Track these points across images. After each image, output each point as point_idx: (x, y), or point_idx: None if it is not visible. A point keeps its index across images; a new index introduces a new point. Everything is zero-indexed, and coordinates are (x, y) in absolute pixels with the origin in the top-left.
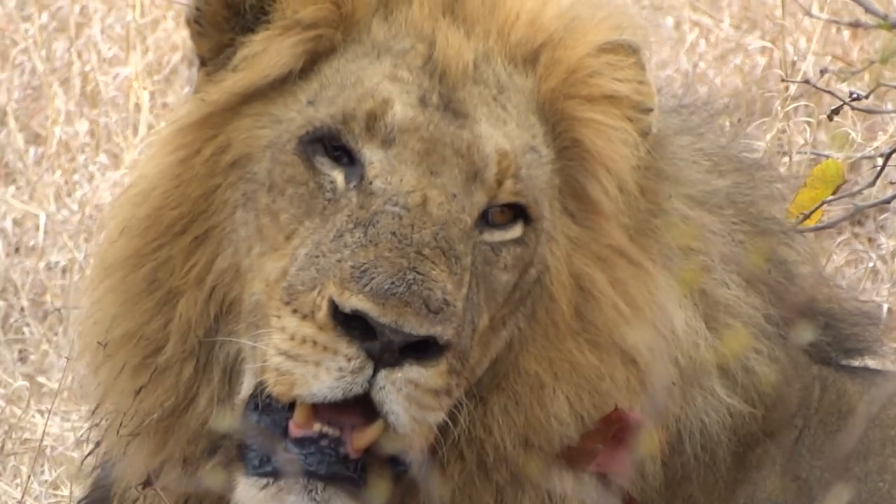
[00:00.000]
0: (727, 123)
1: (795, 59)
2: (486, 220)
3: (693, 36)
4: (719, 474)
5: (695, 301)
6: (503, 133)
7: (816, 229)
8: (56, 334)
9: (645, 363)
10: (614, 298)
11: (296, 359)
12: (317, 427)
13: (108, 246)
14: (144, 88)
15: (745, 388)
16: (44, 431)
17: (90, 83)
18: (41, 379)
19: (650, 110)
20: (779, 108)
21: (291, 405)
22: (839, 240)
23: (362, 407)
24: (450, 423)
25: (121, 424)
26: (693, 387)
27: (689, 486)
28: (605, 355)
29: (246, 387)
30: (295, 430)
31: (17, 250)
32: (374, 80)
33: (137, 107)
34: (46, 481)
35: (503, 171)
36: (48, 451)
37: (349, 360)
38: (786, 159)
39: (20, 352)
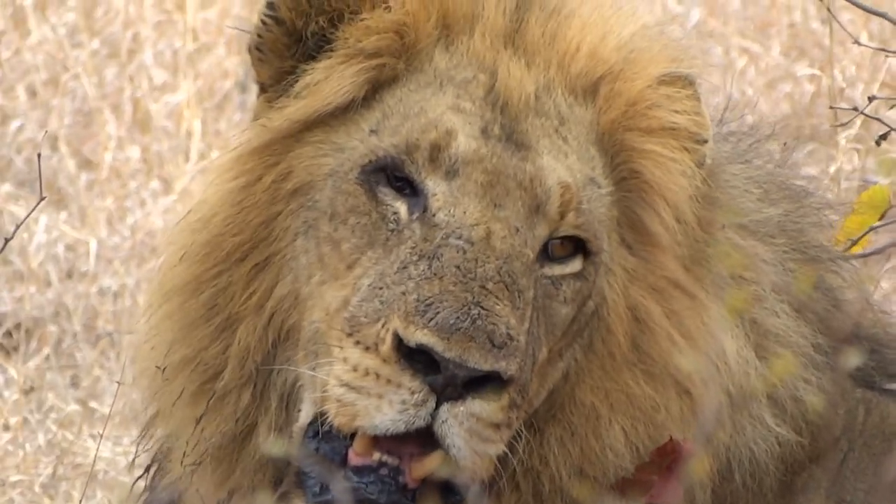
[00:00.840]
0: (775, 148)
1: (844, 86)
2: (546, 253)
3: (742, 63)
4: (766, 501)
5: (746, 331)
6: (565, 165)
7: (864, 255)
8: (108, 359)
9: (698, 394)
10: (669, 329)
11: (358, 391)
12: (376, 456)
13: (166, 271)
14: (195, 116)
15: (793, 416)
16: (95, 456)
17: (141, 109)
18: (93, 404)
19: (706, 141)
20: (827, 135)
21: (352, 434)
22: (887, 266)
23: (421, 436)
24: (508, 453)
25: (183, 454)
26: (743, 416)
27: None
28: (661, 386)
29: (304, 415)
30: (354, 458)
31: (69, 276)
32: (438, 110)
33: (189, 133)
34: None
35: (565, 204)
36: (100, 475)
37: (412, 393)
38: (834, 186)
39: (73, 377)
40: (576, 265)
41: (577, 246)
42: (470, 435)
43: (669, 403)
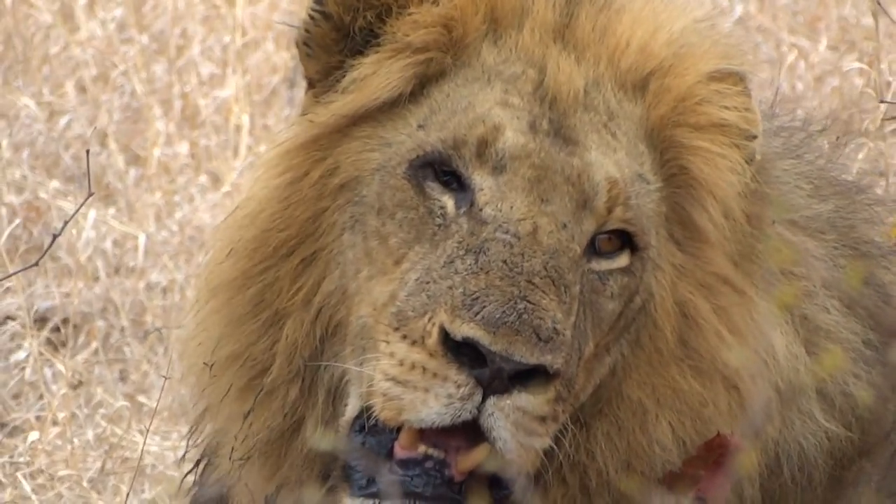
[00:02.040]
0: (825, 144)
1: (891, 79)
2: (593, 248)
3: (791, 58)
4: (815, 495)
5: (796, 326)
6: (613, 161)
7: None
8: (156, 354)
9: (746, 388)
10: (717, 325)
11: (405, 384)
12: (422, 449)
13: (214, 267)
14: (244, 111)
15: (842, 411)
16: (143, 450)
17: (190, 104)
18: (141, 398)
19: (755, 137)
20: (876, 129)
21: (398, 428)
22: None
23: (467, 429)
24: (554, 447)
25: (232, 449)
26: (792, 411)
27: None
28: (708, 381)
29: (351, 409)
30: (400, 451)
31: (117, 271)
32: (485, 105)
33: (237, 128)
34: (146, 500)
35: (613, 199)
36: (148, 469)
37: (459, 386)
38: (883, 181)
39: (121, 372)
40: (623, 260)
41: (625, 241)
42: (516, 428)
43: (717, 398)
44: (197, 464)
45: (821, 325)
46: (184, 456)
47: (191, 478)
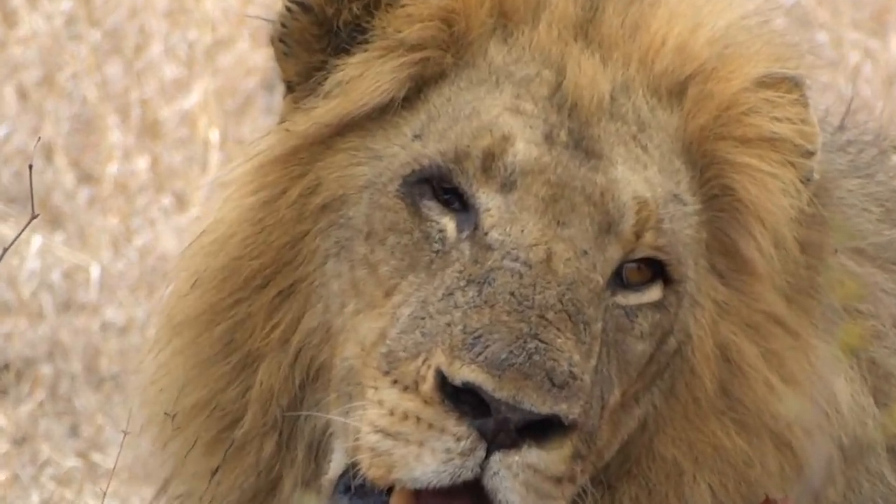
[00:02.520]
0: (895, 159)
1: None
2: (619, 279)
3: (856, 59)
4: None
5: (863, 373)
6: (643, 178)
7: None
8: (112, 405)
9: (801, 446)
10: (766, 373)
11: (395, 437)
12: None
13: (177, 301)
14: (213, 121)
15: None
16: None
17: (150, 114)
18: (96, 456)
19: (813, 154)
20: None
21: (389, 488)
22: None
23: (469, 491)
24: None
25: None
26: (859, 472)
27: None
28: (755, 438)
29: (335, 466)
30: None
31: (66, 307)
32: (493, 112)
33: (205, 141)
34: None
35: (642, 223)
36: None
37: (458, 440)
38: None
39: (71, 425)
40: (654, 294)
41: (657, 271)
42: (526, 490)
43: (766, 458)
44: None
45: (893, 371)
46: None
47: None
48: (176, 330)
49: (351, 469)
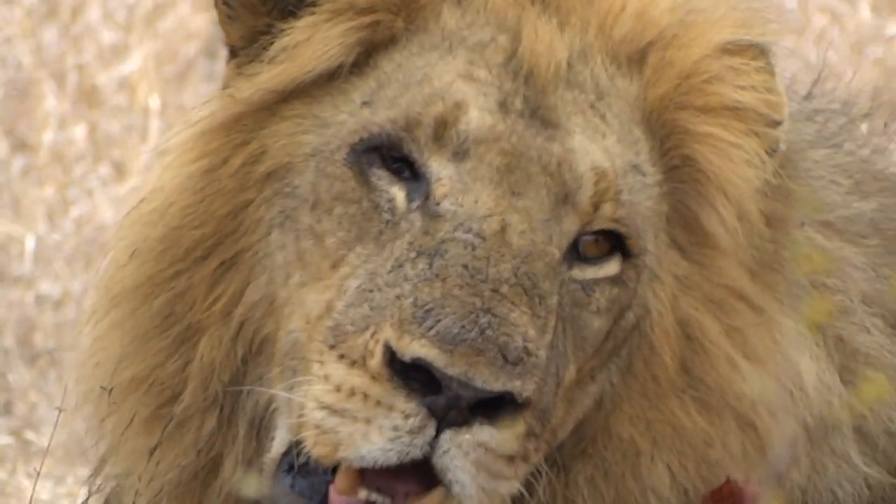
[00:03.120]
0: (864, 128)
1: None
2: (576, 252)
3: (823, 23)
4: None
5: (829, 350)
6: (601, 148)
7: None
8: (47, 381)
9: (765, 427)
10: (729, 350)
11: (342, 414)
12: (363, 494)
13: (114, 272)
14: (153, 88)
15: (886, 454)
16: (32, 498)
17: (88, 80)
18: (29, 434)
19: (779, 123)
20: None
21: (334, 467)
22: None
23: (418, 470)
24: (525, 494)
25: (136, 493)
26: (824, 453)
27: None
28: (717, 418)
29: (278, 444)
30: (336, 496)
31: (0, 280)
32: (445, 78)
33: (144, 109)
34: None
35: (600, 194)
36: None
37: (407, 417)
38: None
39: (4, 403)
40: (612, 267)
41: (615, 244)
42: (477, 469)
43: (728, 438)
44: None
45: (860, 348)
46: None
47: None
48: (113, 302)
49: (295, 447)
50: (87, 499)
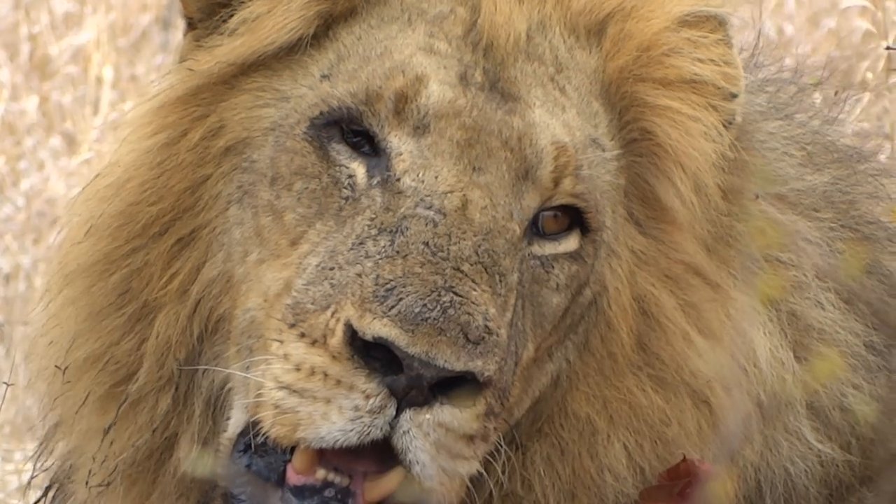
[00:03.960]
0: (818, 98)
1: None
2: (536, 228)
3: None
4: None
5: (782, 326)
6: (561, 122)
7: None
8: None
9: (719, 403)
10: (685, 326)
11: (301, 394)
12: (321, 474)
13: (69, 248)
14: (106, 58)
15: (839, 430)
16: None
17: (40, 50)
18: None
19: (736, 96)
20: (878, 80)
21: (292, 448)
22: None
23: (377, 451)
24: (484, 473)
25: (89, 472)
26: (777, 430)
27: None
28: (673, 395)
29: (234, 424)
30: (294, 477)
31: None
32: (405, 51)
33: (98, 80)
34: None
35: (560, 169)
36: None
37: (367, 397)
38: (888, 144)
39: None
40: (571, 243)
41: (574, 220)
42: (437, 449)
43: (683, 415)
44: (46, 491)
45: (813, 324)
46: (30, 481)
47: None
48: (68, 279)
49: (252, 427)
50: (33, 477)
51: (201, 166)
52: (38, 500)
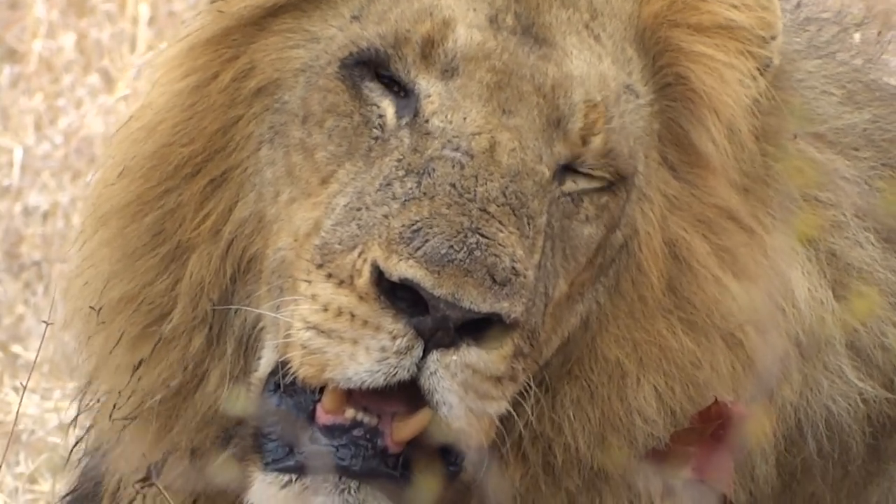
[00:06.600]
0: (857, 37)
1: None
2: (564, 169)
3: None
4: (849, 469)
5: (821, 266)
6: (598, 73)
7: None
8: (34, 294)
9: (753, 346)
10: (717, 271)
11: (329, 335)
12: (350, 413)
13: (103, 190)
14: None
15: (881, 368)
16: (18, 412)
17: None
18: (16, 348)
19: (773, 38)
20: None
21: (321, 388)
22: None
23: (405, 391)
24: (513, 414)
25: (115, 406)
26: (817, 368)
27: (811, 484)
28: (704, 338)
29: (265, 363)
30: (323, 416)
31: None
32: None
33: (134, 17)
34: (22, 474)
35: (590, 127)
36: (24, 436)
37: (394, 338)
38: None
39: None
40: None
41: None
42: (465, 390)
43: (715, 358)
44: (88, 431)
45: (853, 263)
46: (73, 421)
47: (81, 448)
48: (102, 220)
49: (281, 367)
50: (76, 417)
51: (232, 108)
52: (81, 439)
